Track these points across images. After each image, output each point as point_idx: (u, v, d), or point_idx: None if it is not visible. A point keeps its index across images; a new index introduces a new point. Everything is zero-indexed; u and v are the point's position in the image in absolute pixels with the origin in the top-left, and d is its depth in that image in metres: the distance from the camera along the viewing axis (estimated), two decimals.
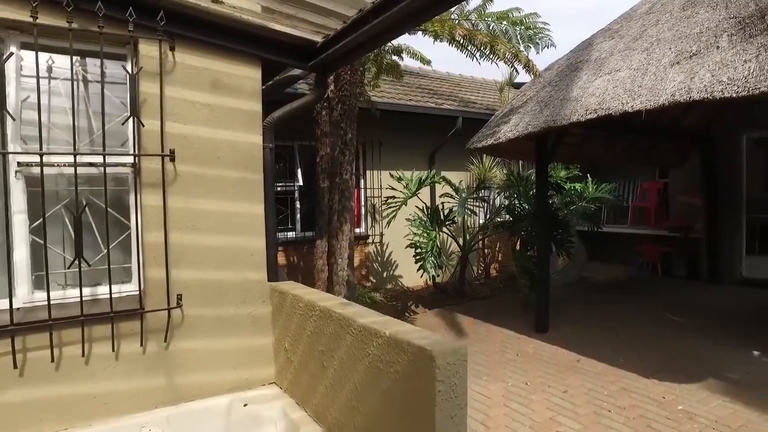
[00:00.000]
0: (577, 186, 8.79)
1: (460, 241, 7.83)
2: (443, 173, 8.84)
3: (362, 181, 8.27)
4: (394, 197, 6.92)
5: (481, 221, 8.98)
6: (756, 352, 5.10)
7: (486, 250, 9.34)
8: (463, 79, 12.85)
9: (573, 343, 5.38)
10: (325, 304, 2.49)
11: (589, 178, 8.82)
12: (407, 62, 11.11)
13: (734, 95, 3.47)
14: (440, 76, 12.27)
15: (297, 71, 3.57)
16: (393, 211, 6.60)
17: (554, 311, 6.35)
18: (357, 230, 8.20)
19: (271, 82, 3.61)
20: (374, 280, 8.34)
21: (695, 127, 8.24)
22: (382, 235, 8.32)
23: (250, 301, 3.15)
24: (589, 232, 8.91)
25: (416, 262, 6.21)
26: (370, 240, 8.29)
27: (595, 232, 8.82)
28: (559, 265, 8.72)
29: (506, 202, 8.00)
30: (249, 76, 3.14)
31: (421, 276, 6.61)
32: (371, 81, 6.61)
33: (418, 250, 6.18)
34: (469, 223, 9.13)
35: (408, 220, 6.63)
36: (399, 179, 7.00)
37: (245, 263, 3.13)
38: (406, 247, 6.46)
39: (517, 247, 7.31)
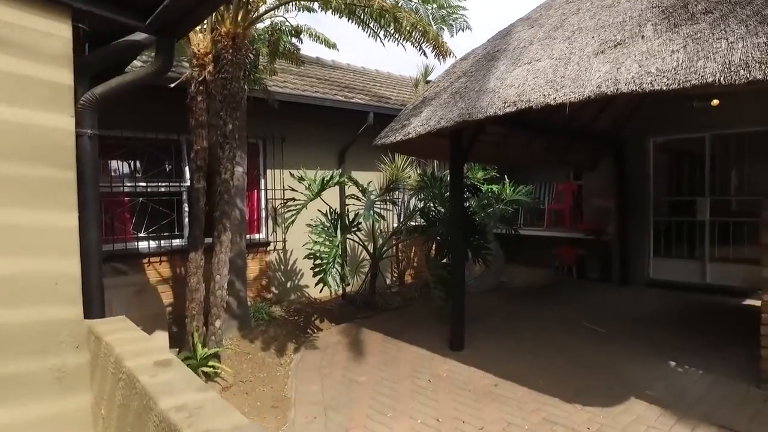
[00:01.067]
0: (495, 188, 8.46)
1: (371, 248, 7.17)
2: (354, 173, 8.15)
3: (262, 181, 7.38)
4: (294, 199, 6.12)
5: (394, 225, 8.40)
6: (672, 362, 4.87)
7: (400, 255, 8.76)
8: (378, 75, 12.27)
9: (490, 363, 4.87)
10: (133, 363, 1.67)
11: (507, 180, 8.52)
12: (320, 54, 10.41)
13: (665, 87, 3.05)
14: (355, 70, 11.60)
15: (141, 36, 2.69)
16: (292, 216, 5.79)
17: (471, 323, 5.86)
18: (257, 236, 7.32)
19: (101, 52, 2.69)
20: (276, 292, 7.47)
21: (608, 130, 8.17)
22: (284, 241, 7.47)
23: (55, 348, 2.24)
24: (507, 234, 8.59)
25: (314, 275, 5.44)
26: (271, 247, 7.41)
27: (513, 235, 8.52)
28: (476, 271, 8.32)
29: (421, 205, 7.44)
30: (52, 32, 2.23)
31: (321, 291, 5.85)
32: (266, 66, 5.77)
33: (318, 261, 5.41)
34: (382, 227, 8.51)
35: (309, 225, 5.85)
36: (300, 179, 6.20)
37: (47, 295, 2.21)
38: (305, 257, 5.67)
39: (433, 254, 6.76)
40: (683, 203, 8.43)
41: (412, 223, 7.78)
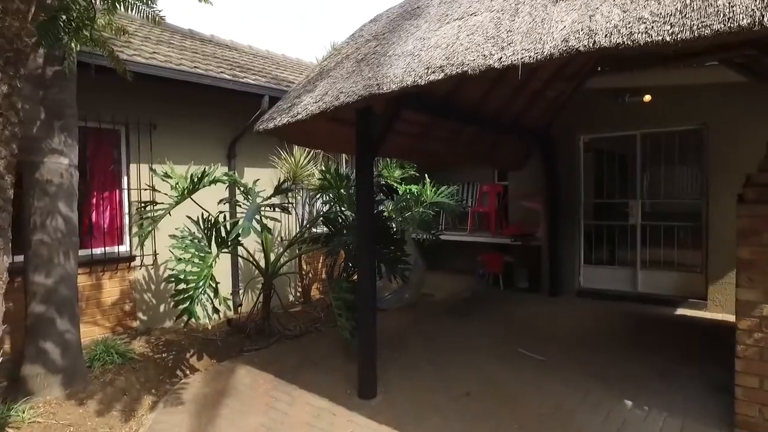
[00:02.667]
0: (414, 188, 7.40)
1: (264, 262, 5.78)
2: (248, 170, 6.74)
3: (124, 179, 5.76)
4: (154, 202, 4.63)
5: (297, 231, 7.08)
6: (628, 402, 3.99)
7: (305, 267, 7.44)
8: (286, 60, 10.83)
9: (410, 418, 3.70)
10: None
11: (428, 179, 7.49)
12: (213, 31, 8.75)
13: (670, 38, 2.01)
14: (256, 53, 10.09)
15: None
16: (149, 225, 4.31)
17: (386, 354, 4.74)
18: (116, 249, 5.69)
19: None
20: (145, 318, 5.88)
21: (536, 127, 7.38)
22: (155, 254, 5.89)
23: None
24: (428, 240, 7.54)
25: (176, 304, 3.98)
26: (137, 262, 5.80)
27: (434, 241, 7.50)
28: (393, 285, 7.20)
29: (325, 209, 6.17)
30: None
31: (184, 325, 4.42)
32: (108, 20, 4.25)
33: (182, 286, 3.97)
34: (284, 235, 7.15)
35: (173, 237, 4.38)
36: (166, 176, 4.72)
37: None
38: (165, 279, 4.19)
39: (340, 270, 5.50)
40: (614, 206, 7.84)
41: (318, 230, 6.51)
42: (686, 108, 6.87)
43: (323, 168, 5.26)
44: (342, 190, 5.45)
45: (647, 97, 7.06)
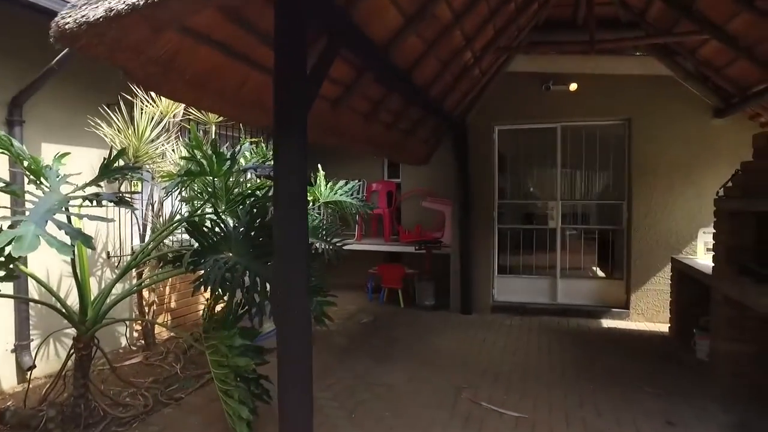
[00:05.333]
0: None
1: (80, 302, 3.40)
2: (48, 147, 4.23)
3: None
4: None
5: (136, 243, 4.72)
6: None
7: (148, 295, 5.06)
8: None
9: None
10: None
11: (322, 172, 5.70)
12: None
13: None
14: None
15: None
16: None
17: None
18: None
19: None
20: None
21: (454, 113, 6.12)
22: None
23: None
24: (330, 251, 5.70)
25: None
26: None
27: (336, 252, 5.70)
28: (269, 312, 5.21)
29: (187, 210, 4.00)
30: None
31: None
32: None
33: None
34: (111, 250, 4.73)
35: None
36: None
37: None
38: None
39: (217, 306, 3.38)
40: (532, 207, 6.94)
41: (170, 245, 4.28)
42: (611, 100, 6.21)
43: (191, 141, 3.13)
44: (217, 180, 3.39)
45: (573, 86, 6.23)
